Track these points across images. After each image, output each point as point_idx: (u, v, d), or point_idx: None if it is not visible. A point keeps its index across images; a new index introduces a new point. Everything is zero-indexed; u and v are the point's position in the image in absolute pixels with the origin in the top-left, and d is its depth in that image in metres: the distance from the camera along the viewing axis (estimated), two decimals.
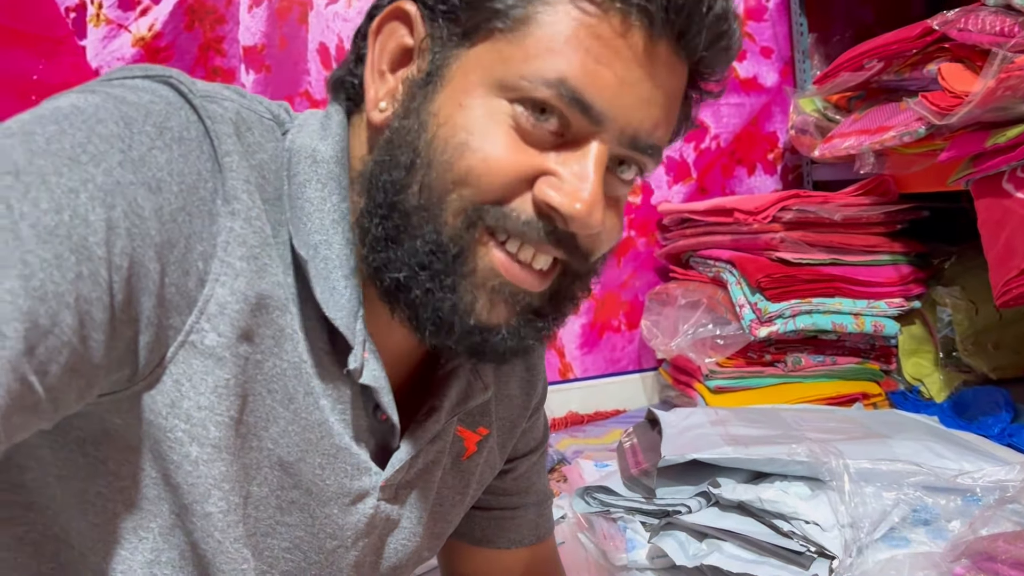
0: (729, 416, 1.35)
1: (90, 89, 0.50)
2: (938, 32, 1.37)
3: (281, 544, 0.59)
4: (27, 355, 0.41)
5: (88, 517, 0.53)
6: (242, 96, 0.57)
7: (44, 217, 0.43)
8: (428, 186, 0.53)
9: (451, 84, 0.53)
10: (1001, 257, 1.25)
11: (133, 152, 0.47)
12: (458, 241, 0.53)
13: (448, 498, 0.69)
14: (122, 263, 0.46)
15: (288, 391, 0.55)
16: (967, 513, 1.07)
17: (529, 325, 0.57)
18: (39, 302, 0.42)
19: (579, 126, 0.53)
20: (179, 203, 0.49)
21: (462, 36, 0.54)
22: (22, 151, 0.44)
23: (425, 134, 0.53)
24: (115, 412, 0.51)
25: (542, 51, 0.51)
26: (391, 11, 0.56)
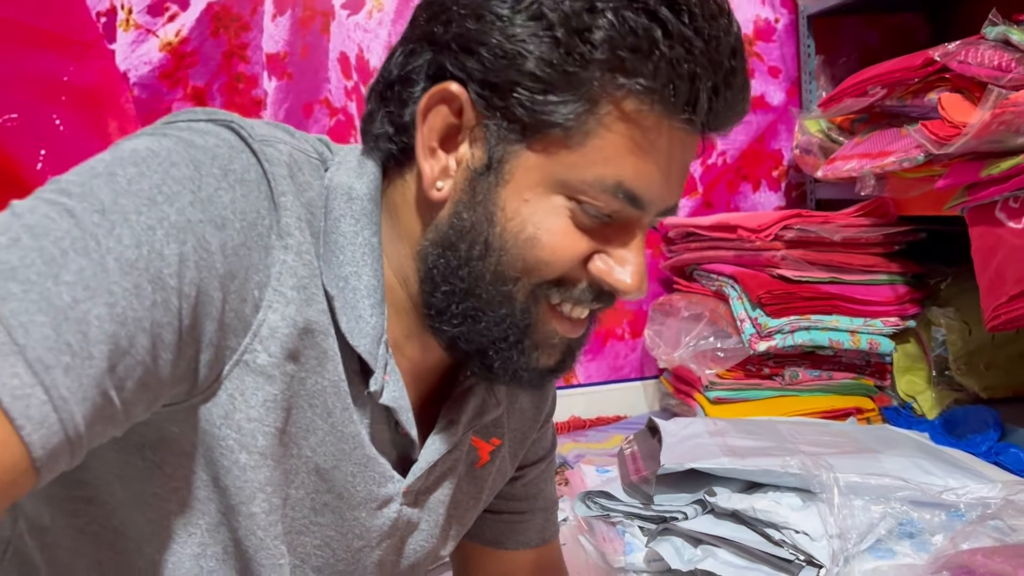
0: (727, 427, 1.40)
1: (162, 132, 0.55)
2: (939, 63, 1.42)
3: (313, 542, 0.65)
4: (109, 373, 0.47)
5: (144, 513, 0.59)
6: (291, 135, 0.63)
7: (126, 252, 0.48)
8: (500, 273, 0.60)
9: (514, 180, 0.59)
10: (992, 283, 1.30)
11: (202, 192, 0.53)
12: (527, 315, 0.61)
13: (463, 503, 0.75)
14: (190, 292, 0.51)
15: (327, 406, 0.61)
16: (951, 528, 1.12)
17: (569, 360, 0.67)
18: (121, 326, 0.47)
19: (626, 213, 0.60)
20: (240, 238, 0.54)
21: (520, 133, 0.58)
22: (107, 191, 0.50)
23: (494, 227, 0.59)
24: (173, 421, 0.56)
25: (600, 160, 0.57)
26: (439, 93, 0.60)
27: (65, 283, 0.46)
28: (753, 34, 2.09)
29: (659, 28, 0.54)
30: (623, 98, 0.56)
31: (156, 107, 1.84)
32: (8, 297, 0.44)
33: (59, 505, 0.60)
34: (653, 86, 0.55)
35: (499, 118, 0.58)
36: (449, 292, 0.61)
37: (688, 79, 0.56)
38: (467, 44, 0.58)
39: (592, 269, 0.61)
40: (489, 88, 0.58)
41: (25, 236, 0.46)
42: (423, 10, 0.63)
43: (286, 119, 1.89)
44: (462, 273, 0.60)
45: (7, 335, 0.43)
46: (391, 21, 1.93)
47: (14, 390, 0.43)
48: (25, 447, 0.43)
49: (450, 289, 0.61)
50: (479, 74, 0.58)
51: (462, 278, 0.60)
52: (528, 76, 0.56)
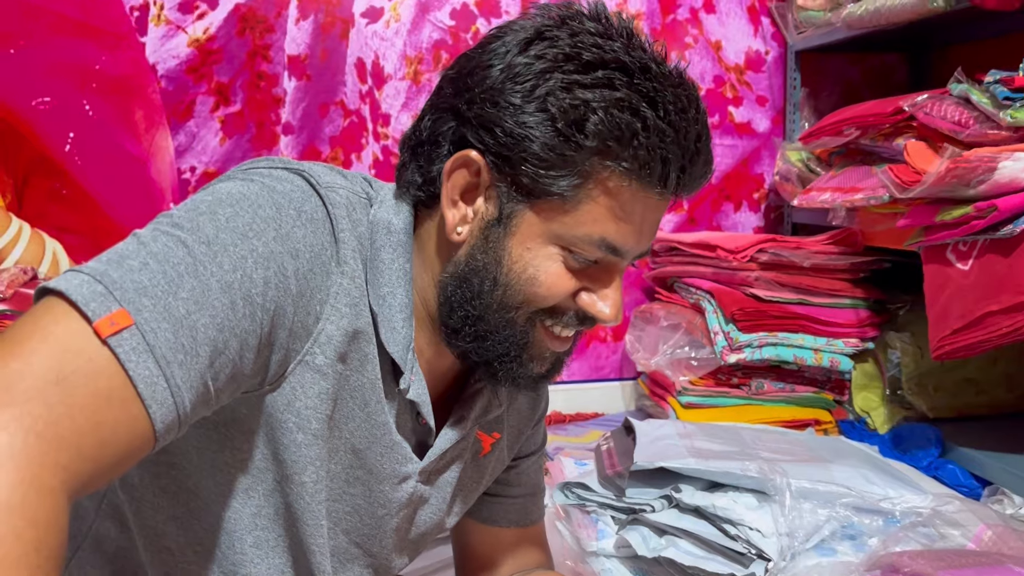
0: (695, 431, 1.52)
1: (248, 178, 0.69)
2: (907, 112, 1.56)
3: (345, 508, 0.78)
4: (209, 368, 0.61)
5: (214, 478, 0.73)
6: (345, 178, 0.76)
7: (226, 275, 0.62)
8: (505, 304, 0.74)
9: (519, 232, 0.73)
10: (939, 317, 1.45)
11: (282, 229, 0.67)
12: (524, 336, 0.76)
13: (467, 485, 0.89)
14: (271, 307, 0.65)
15: (365, 399, 0.75)
16: (887, 533, 1.25)
17: (557, 368, 0.81)
18: (219, 333, 0.61)
19: (608, 259, 0.75)
20: (309, 266, 0.68)
21: (525, 196, 0.72)
22: (211, 227, 0.64)
23: (502, 268, 0.74)
24: (244, 405, 0.70)
25: (588, 220, 0.72)
26: (461, 158, 0.73)
27: (181, 299, 0.59)
28: (744, 64, 2.23)
29: (639, 122, 0.69)
30: (608, 176, 0.70)
31: (181, 99, 1.96)
32: (142, 309, 0.58)
33: (147, 468, 0.74)
34: (632, 167, 0.70)
35: (509, 183, 0.73)
36: (463, 316, 0.75)
37: (660, 162, 0.70)
38: (485, 123, 0.72)
39: (579, 301, 0.75)
40: (502, 159, 0.72)
41: (152, 262, 0.60)
42: (449, 84, 0.76)
43: (303, 117, 2.01)
44: (475, 302, 0.75)
45: (142, 337, 0.57)
46: (407, 32, 2.05)
47: (146, 379, 0.57)
48: (151, 422, 0.57)
49: (464, 314, 0.75)
50: (494, 147, 0.72)
51: (475, 306, 0.75)
52: (533, 155, 0.70)
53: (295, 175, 0.71)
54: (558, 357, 0.80)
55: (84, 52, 1.86)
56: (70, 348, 0.54)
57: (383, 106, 2.06)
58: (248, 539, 0.74)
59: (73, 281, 0.57)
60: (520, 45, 0.71)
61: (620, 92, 0.69)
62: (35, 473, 0.49)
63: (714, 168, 0.76)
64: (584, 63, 0.69)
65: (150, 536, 0.75)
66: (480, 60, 0.73)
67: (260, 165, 0.72)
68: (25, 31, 1.80)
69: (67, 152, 1.86)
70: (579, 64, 0.69)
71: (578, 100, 0.68)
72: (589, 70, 0.69)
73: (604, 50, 0.70)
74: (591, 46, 0.70)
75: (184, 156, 1.98)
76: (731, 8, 2.21)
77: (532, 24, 0.73)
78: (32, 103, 1.81)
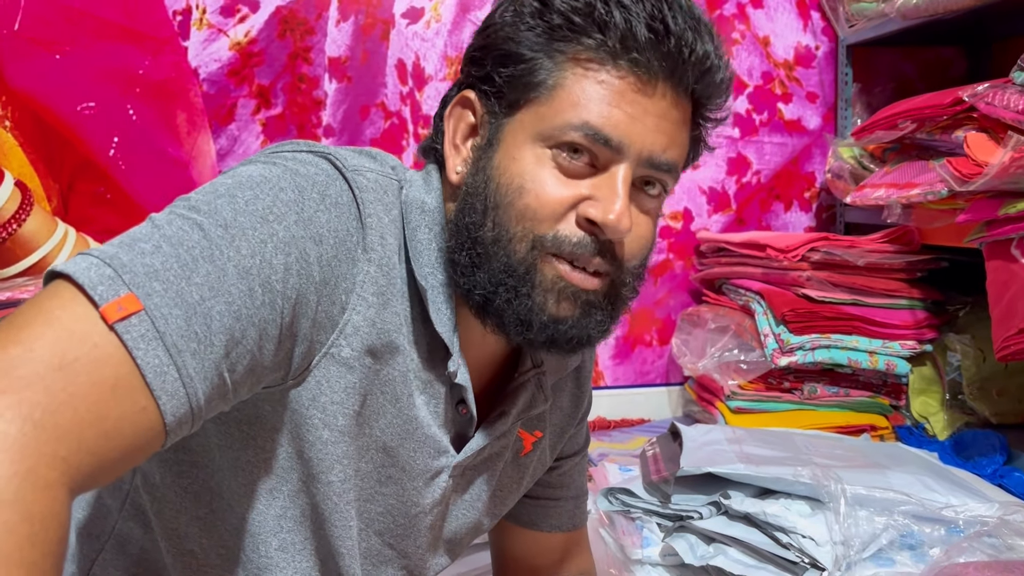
0: (745, 436, 1.48)
1: (271, 161, 0.66)
2: (967, 103, 1.49)
3: (377, 509, 0.75)
4: (225, 358, 0.57)
5: (238, 477, 0.70)
6: (374, 159, 0.73)
7: (243, 260, 0.59)
8: (497, 223, 0.69)
9: (504, 143, 0.70)
10: (1004, 315, 1.38)
11: (304, 213, 0.63)
12: (524, 262, 0.69)
13: (507, 485, 0.85)
14: (292, 295, 0.62)
15: (396, 393, 0.71)
16: (949, 542, 1.19)
17: (589, 317, 0.71)
18: (236, 321, 0.58)
19: (605, 156, 0.69)
20: (333, 252, 0.65)
21: (508, 108, 0.71)
22: (229, 209, 0.60)
23: (491, 184, 0.70)
24: (267, 401, 0.67)
25: (567, 106, 0.68)
26: (458, 99, 0.74)
27: (195, 284, 0.56)
28: (794, 59, 2.17)
29: None
30: (577, 52, 0.68)
31: (223, 102, 1.96)
32: (152, 294, 0.54)
33: (169, 466, 0.71)
34: (598, 37, 0.68)
35: (494, 102, 0.71)
36: (461, 245, 0.71)
37: (623, 23, 0.67)
38: (475, 58, 0.73)
39: (579, 212, 0.69)
40: (486, 81, 0.71)
41: (165, 245, 0.57)
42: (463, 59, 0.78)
43: (344, 120, 2.00)
44: (471, 228, 0.70)
45: (151, 323, 0.53)
46: (448, 32, 2.03)
47: (155, 368, 0.53)
48: (160, 414, 0.54)
49: (461, 242, 0.71)
50: (482, 74, 0.72)
51: (469, 232, 0.70)
52: (507, 57, 0.70)
53: (320, 158, 0.68)
54: (578, 295, 0.70)
55: (128, 57, 1.87)
56: (75, 333, 0.51)
57: (424, 107, 2.04)
58: (273, 542, 0.71)
59: (81, 264, 0.54)
60: None
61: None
62: (31, 465, 0.46)
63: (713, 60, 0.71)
64: None
65: (173, 538, 0.72)
66: None
67: (285, 148, 0.69)
68: (70, 37, 1.81)
69: (111, 156, 1.87)
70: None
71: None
72: None
73: None
74: None
75: (226, 159, 1.97)
76: (779, 2, 2.15)
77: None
78: (77, 108, 1.83)
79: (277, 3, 1.95)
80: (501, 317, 0.70)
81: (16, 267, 1.74)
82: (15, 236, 1.73)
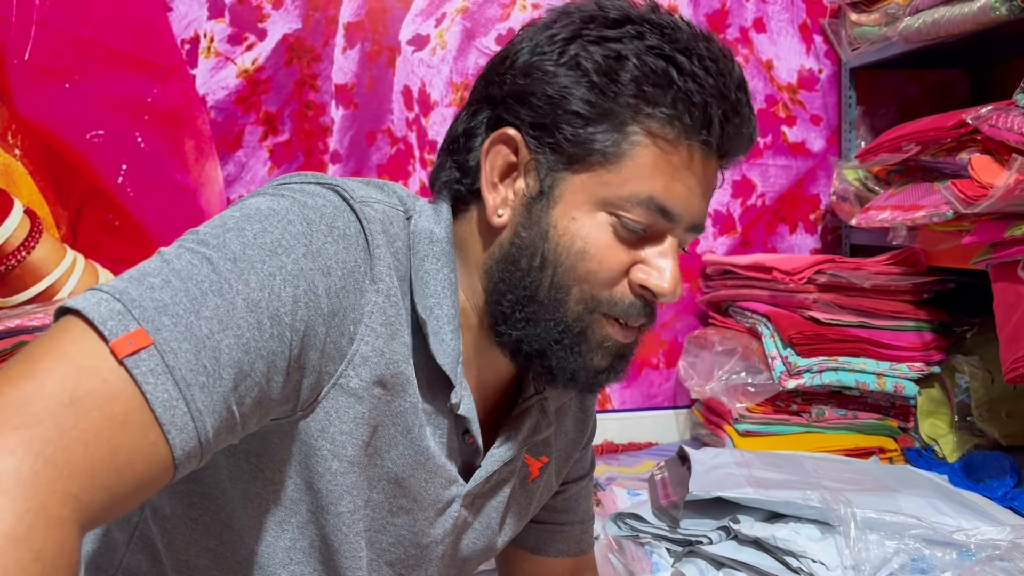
0: (754, 459, 1.47)
1: (279, 193, 0.66)
2: (971, 125, 1.50)
3: (388, 540, 0.75)
4: (233, 391, 0.58)
5: (247, 509, 0.70)
6: (381, 190, 0.73)
7: (252, 293, 0.59)
8: (555, 283, 0.71)
9: (562, 202, 0.70)
10: (1011, 337, 1.37)
11: (312, 246, 0.64)
12: (580, 322, 0.71)
13: (515, 511, 0.85)
14: (300, 327, 0.62)
15: (407, 424, 0.71)
16: (961, 566, 1.18)
17: (621, 365, 0.76)
18: (245, 354, 0.58)
19: (659, 226, 0.71)
20: (341, 284, 0.65)
21: (567, 163, 0.70)
22: (238, 243, 0.61)
23: (549, 243, 0.70)
24: (276, 433, 0.67)
25: (633, 177, 0.69)
26: (498, 136, 0.72)
27: (204, 318, 0.56)
28: (797, 83, 2.18)
29: (674, 68, 0.67)
30: (649, 125, 0.68)
31: (230, 129, 1.97)
32: (161, 328, 0.55)
33: (179, 498, 0.71)
34: (673, 112, 0.68)
35: (548, 152, 0.70)
36: (514, 300, 0.72)
37: (701, 106, 0.68)
38: (520, 96, 0.71)
39: (633, 278, 0.71)
40: (539, 129, 0.70)
41: (174, 279, 0.57)
42: (481, 79, 0.76)
43: (350, 146, 2.02)
44: (525, 283, 0.71)
45: (160, 358, 0.54)
46: (453, 59, 2.05)
47: (164, 402, 0.53)
48: (170, 448, 0.54)
49: (515, 298, 0.72)
50: (530, 118, 0.70)
51: (525, 287, 0.71)
52: (571, 114, 0.69)
53: (328, 190, 0.68)
54: (620, 350, 0.74)
55: (136, 85, 1.90)
56: (85, 368, 0.51)
57: (430, 133, 2.05)
58: (283, 574, 0.71)
59: (91, 299, 0.54)
60: (544, 26, 0.71)
61: (651, 41, 0.68)
62: (43, 502, 0.46)
63: (757, 134, 0.73)
64: (610, 20, 0.69)
65: (183, 570, 0.72)
66: (506, 52, 0.73)
67: (292, 180, 0.69)
68: (79, 66, 1.84)
69: (120, 184, 1.89)
70: (605, 21, 0.69)
71: (610, 51, 0.67)
72: (616, 25, 0.69)
73: (630, 8, 0.70)
74: (615, 7, 0.70)
75: (233, 186, 1.99)
76: (782, 26, 2.17)
77: (553, 12, 0.73)
78: (86, 136, 1.85)
79: (284, 31, 1.97)
80: (551, 370, 0.73)
81: (25, 294, 1.75)
82: (24, 263, 1.74)
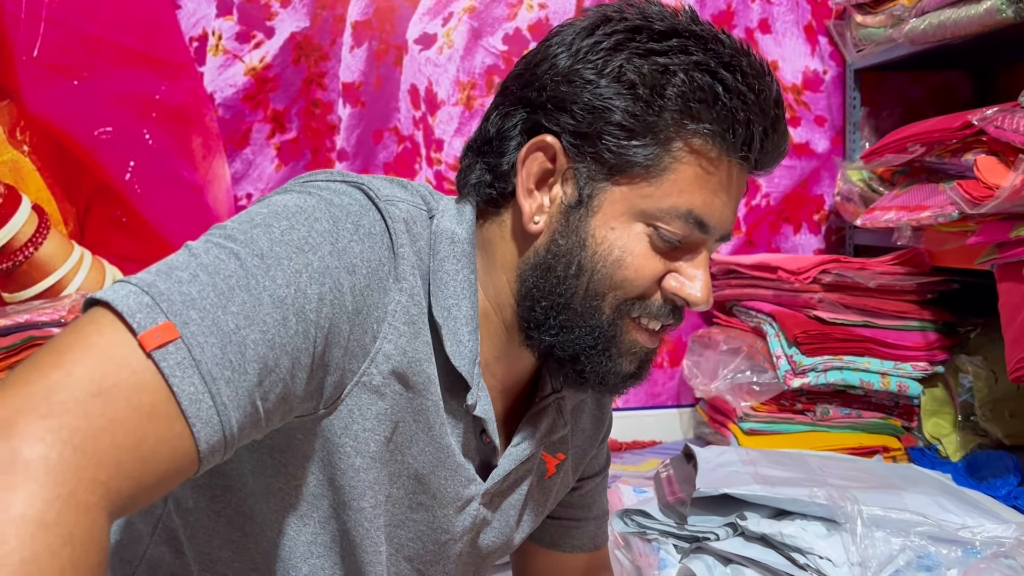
0: (759, 457, 1.48)
1: (306, 191, 0.67)
2: (976, 127, 1.51)
3: (408, 535, 0.76)
4: (258, 386, 0.58)
5: (269, 503, 0.70)
6: (405, 189, 0.74)
7: (278, 290, 0.60)
8: (592, 290, 0.71)
9: (602, 211, 0.71)
10: (1016, 337, 1.38)
11: (339, 244, 0.64)
12: (613, 327, 0.73)
13: (532, 508, 0.86)
14: (325, 324, 0.63)
15: (428, 421, 0.72)
16: (966, 564, 1.19)
17: (645, 366, 0.77)
18: (269, 349, 0.59)
19: (695, 237, 0.72)
20: (366, 282, 0.65)
21: (607, 174, 0.70)
22: (265, 239, 0.61)
23: (586, 251, 0.71)
24: (299, 430, 0.68)
25: (674, 191, 0.69)
26: (537, 144, 0.72)
27: (231, 313, 0.57)
28: (802, 84, 2.19)
29: (719, 84, 0.68)
30: (692, 140, 0.69)
31: (238, 127, 1.98)
32: (189, 322, 0.55)
33: (202, 491, 0.72)
34: (716, 129, 0.68)
35: (588, 161, 0.70)
36: (548, 307, 0.72)
37: (745, 124, 0.69)
38: (560, 103, 0.70)
39: (666, 286, 0.72)
40: (580, 138, 0.70)
41: (202, 273, 0.58)
42: (514, 80, 0.75)
43: (357, 144, 2.02)
44: (560, 290, 0.72)
45: (187, 351, 0.54)
46: (460, 58, 2.06)
47: (191, 395, 0.54)
48: (195, 441, 0.54)
49: (549, 304, 0.72)
50: (571, 127, 0.70)
51: (560, 294, 0.72)
52: (614, 125, 0.69)
53: (354, 188, 0.68)
54: (647, 354, 0.76)
55: (144, 83, 1.90)
56: (113, 360, 0.52)
57: (436, 131, 2.06)
58: (303, 568, 0.72)
59: (120, 292, 0.55)
60: (584, 31, 0.71)
61: (697, 56, 0.68)
62: (72, 489, 0.47)
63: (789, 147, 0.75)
64: (656, 32, 0.69)
65: (205, 562, 0.73)
66: (545, 53, 0.72)
67: (319, 178, 0.70)
68: (88, 63, 1.84)
69: (127, 181, 1.89)
70: (651, 33, 0.69)
71: (657, 65, 0.68)
72: (663, 39, 0.69)
73: (674, 20, 0.70)
74: (660, 18, 0.70)
75: (240, 183, 1.99)
76: (787, 27, 2.18)
77: (591, 15, 0.72)
78: (94, 133, 1.85)
79: (292, 29, 1.98)
80: (583, 374, 0.74)
81: (33, 289, 1.76)
82: (32, 259, 1.75)
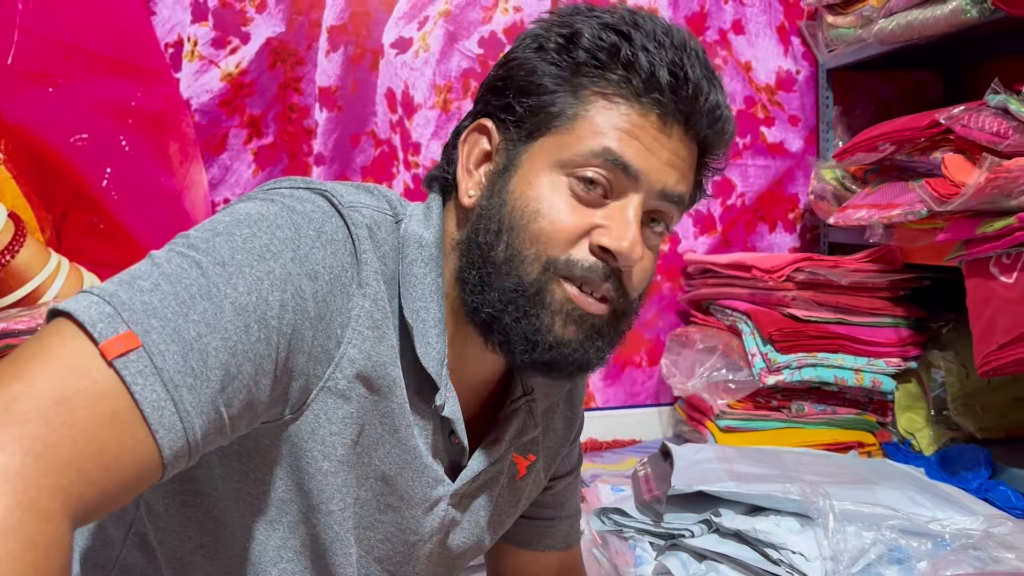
0: (735, 454, 1.50)
1: (269, 198, 0.68)
2: (943, 125, 1.53)
3: (377, 536, 0.77)
4: (221, 393, 0.59)
5: (239, 508, 0.71)
6: (371, 194, 0.75)
7: (240, 297, 0.61)
8: (511, 244, 0.71)
9: (521, 169, 0.73)
10: (984, 332, 1.41)
11: (300, 251, 0.65)
12: (536, 283, 0.71)
13: (504, 509, 0.87)
14: (287, 331, 0.63)
15: (394, 424, 0.73)
16: (936, 556, 1.21)
17: (591, 342, 0.74)
18: (232, 357, 0.59)
19: (620, 186, 0.72)
20: (328, 288, 0.66)
21: (528, 135, 0.73)
22: (227, 248, 0.62)
23: (506, 207, 0.72)
24: (266, 436, 0.68)
25: (589, 134, 0.71)
26: (475, 127, 0.77)
27: (192, 321, 0.58)
28: (775, 84, 2.21)
29: (624, 39, 0.71)
30: (602, 85, 0.72)
31: (215, 132, 1.98)
32: (150, 330, 0.56)
33: (173, 496, 0.72)
34: (622, 74, 0.71)
35: (513, 131, 0.74)
36: (471, 264, 0.73)
37: (648, 65, 0.71)
38: (494, 87, 0.76)
39: (593, 240, 0.71)
40: (507, 111, 0.74)
41: (163, 282, 0.58)
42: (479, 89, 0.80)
43: (334, 148, 2.03)
44: (483, 248, 0.73)
45: (149, 360, 0.55)
46: (436, 61, 2.06)
47: (153, 403, 0.55)
48: (157, 448, 0.55)
49: (472, 261, 0.73)
50: (501, 104, 0.75)
51: (482, 251, 0.73)
52: (531, 86, 0.73)
53: (317, 195, 0.69)
54: (582, 317, 0.72)
55: (120, 89, 1.89)
56: (74, 369, 0.53)
57: (413, 135, 2.07)
58: (274, 572, 0.73)
59: (82, 302, 0.55)
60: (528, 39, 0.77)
61: (608, 19, 0.73)
62: (33, 496, 0.47)
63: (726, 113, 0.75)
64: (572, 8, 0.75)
65: (177, 567, 0.74)
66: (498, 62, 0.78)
67: (282, 185, 0.71)
68: (62, 70, 1.84)
69: (104, 187, 1.89)
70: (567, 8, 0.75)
71: (569, 29, 0.73)
72: (576, 12, 0.74)
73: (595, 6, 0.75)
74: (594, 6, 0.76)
75: (218, 188, 2.00)
76: (760, 28, 2.20)
77: None
78: (70, 140, 1.85)
79: (267, 35, 1.98)
80: (507, 335, 0.72)
81: (9, 298, 1.75)
82: (8, 267, 1.74)
